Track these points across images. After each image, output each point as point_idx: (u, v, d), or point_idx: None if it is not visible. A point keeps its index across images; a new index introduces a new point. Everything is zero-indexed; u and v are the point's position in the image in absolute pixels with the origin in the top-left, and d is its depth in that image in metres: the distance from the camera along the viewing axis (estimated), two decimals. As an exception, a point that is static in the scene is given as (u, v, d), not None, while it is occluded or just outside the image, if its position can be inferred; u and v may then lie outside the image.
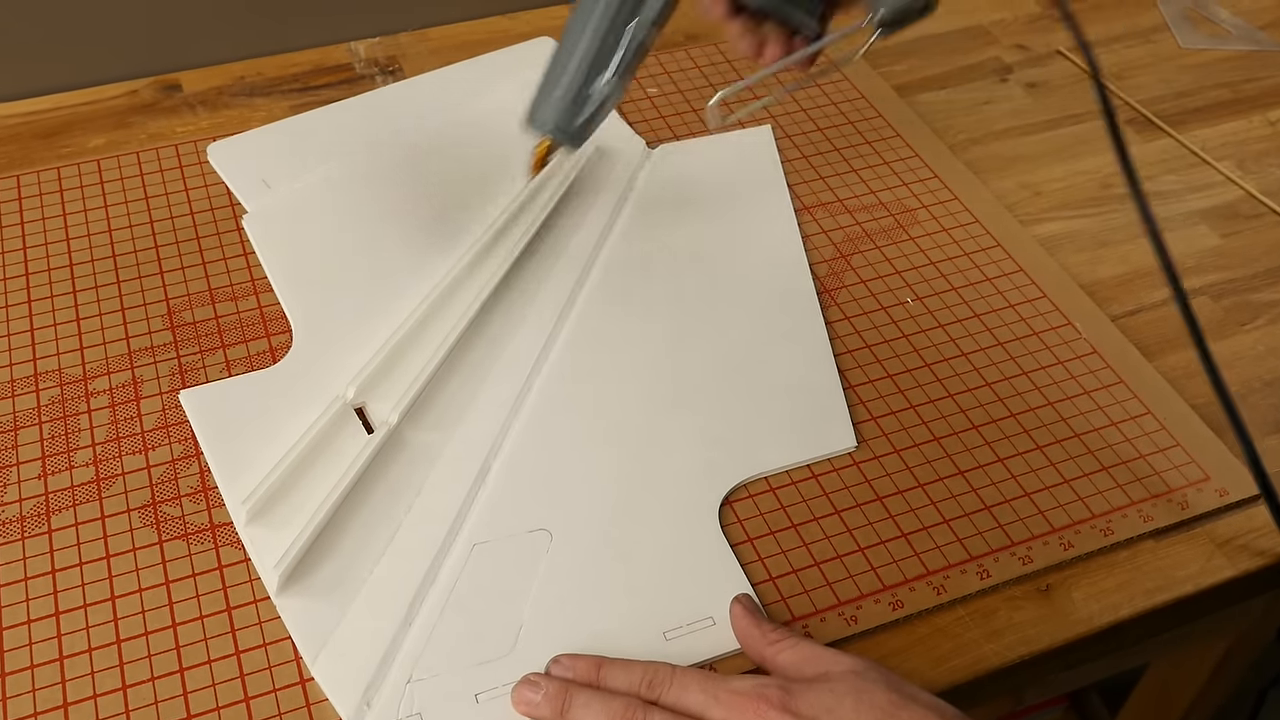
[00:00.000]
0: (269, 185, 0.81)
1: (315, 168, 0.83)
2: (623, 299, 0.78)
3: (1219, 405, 0.65)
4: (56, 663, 0.59)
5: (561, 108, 0.70)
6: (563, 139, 0.71)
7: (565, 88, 0.70)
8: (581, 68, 0.69)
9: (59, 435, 0.69)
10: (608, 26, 0.69)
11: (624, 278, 0.79)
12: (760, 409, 0.71)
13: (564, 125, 0.70)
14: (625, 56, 0.69)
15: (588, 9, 0.69)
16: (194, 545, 0.64)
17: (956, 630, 0.63)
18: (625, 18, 0.69)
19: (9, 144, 0.90)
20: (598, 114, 0.71)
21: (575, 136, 0.71)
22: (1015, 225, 0.86)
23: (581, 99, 0.70)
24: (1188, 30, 1.08)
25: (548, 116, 0.70)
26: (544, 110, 0.71)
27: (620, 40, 0.69)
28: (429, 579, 0.62)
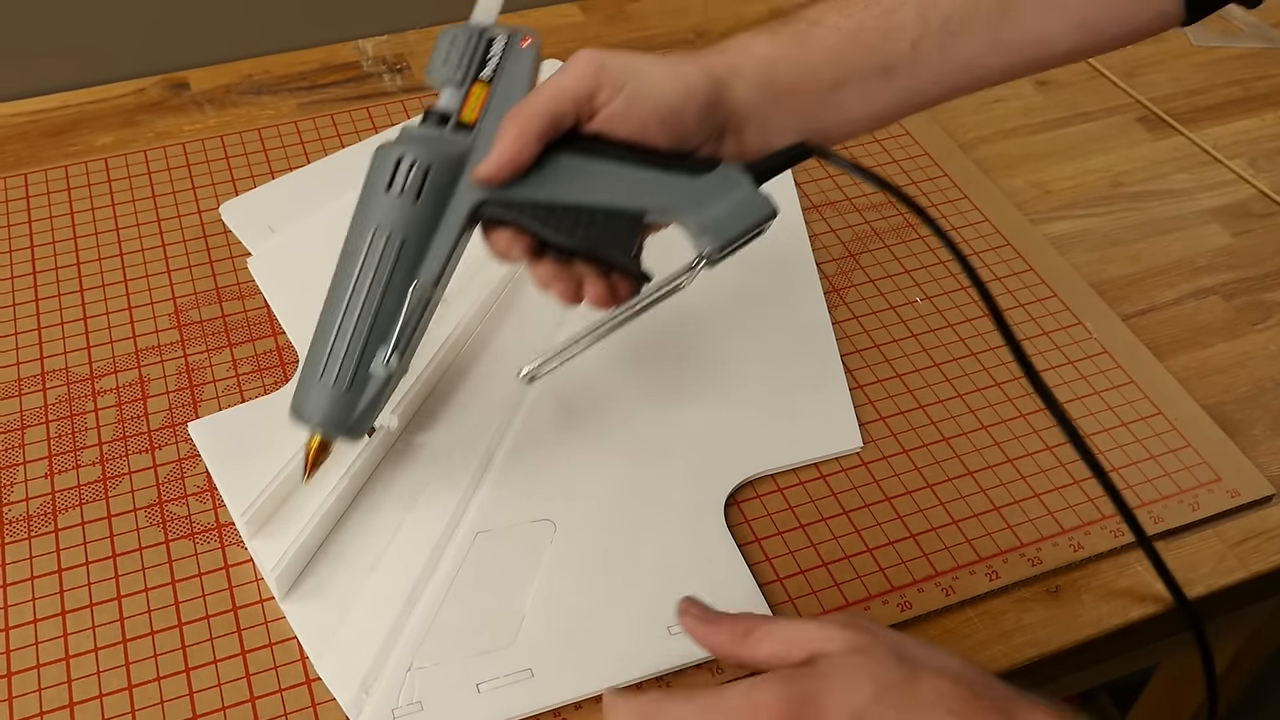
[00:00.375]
0: (274, 230, 0.81)
1: (318, 209, 0.83)
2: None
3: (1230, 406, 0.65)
4: (62, 662, 0.59)
5: (334, 397, 0.57)
6: (339, 434, 0.58)
7: (337, 371, 0.57)
8: (355, 344, 0.57)
9: (65, 434, 0.69)
10: (384, 289, 0.56)
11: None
12: (766, 407, 0.71)
13: (338, 418, 0.57)
14: (409, 326, 0.57)
15: (352, 267, 0.57)
16: (200, 545, 0.64)
17: (965, 631, 0.63)
18: (403, 277, 0.57)
19: (17, 142, 0.90)
20: (380, 398, 0.58)
21: (355, 429, 0.58)
22: (1025, 224, 0.86)
23: (359, 383, 0.57)
24: (1199, 28, 1.07)
25: (316, 408, 0.57)
26: (311, 400, 0.57)
27: (401, 306, 0.57)
28: (430, 567, 0.62)
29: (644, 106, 0.56)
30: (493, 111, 0.58)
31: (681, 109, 0.56)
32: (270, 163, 0.88)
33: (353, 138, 0.91)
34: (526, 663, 0.58)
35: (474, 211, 0.57)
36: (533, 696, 0.57)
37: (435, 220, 0.57)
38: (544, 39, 0.84)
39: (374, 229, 0.57)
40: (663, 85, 0.56)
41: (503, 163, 0.56)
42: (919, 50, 0.58)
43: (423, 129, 0.58)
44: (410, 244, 0.57)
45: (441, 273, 0.58)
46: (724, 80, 0.57)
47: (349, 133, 0.91)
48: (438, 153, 0.57)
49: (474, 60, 0.59)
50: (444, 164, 0.57)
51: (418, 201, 0.56)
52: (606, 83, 0.56)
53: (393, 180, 0.56)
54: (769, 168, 0.58)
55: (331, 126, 0.92)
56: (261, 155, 0.89)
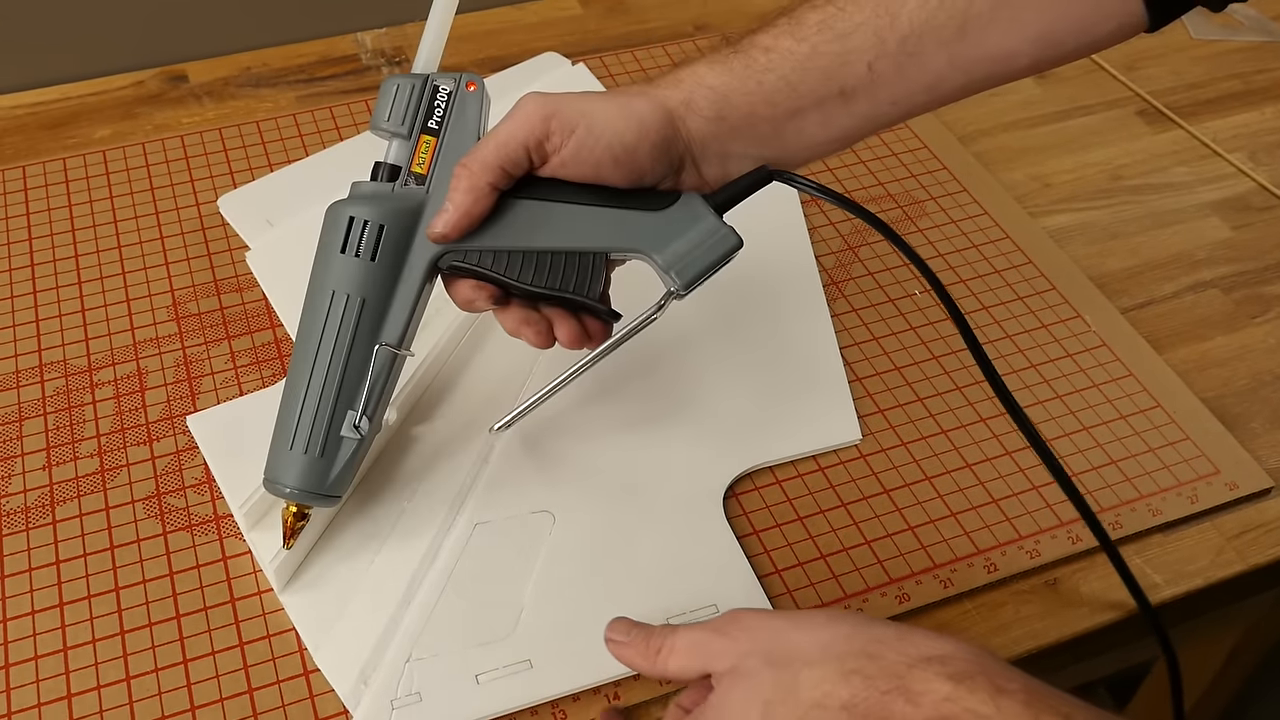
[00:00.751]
0: (272, 224, 0.81)
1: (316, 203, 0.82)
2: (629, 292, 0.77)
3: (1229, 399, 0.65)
4: (60, 653, 0.59)
5: (306, 464, 0.57)
6: (314, 502, 0.58)
7: (307, 438, 0.56)
8: (324, 410, 0.56)
9: (64, 426, 0.69)
10: (347, 352, 0.56)
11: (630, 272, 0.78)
12: (766, 400, 0.71)
13: (314, 486, 0.57)
14: (376, 387, 0.57)
15: (313, 333, 0.56)
16: (198, 537, 0.64)
17: (963, 624, 0.63)
18: (366, 338, 0.56)
19: (15, 135, 0.90)
20: (353, 461, 0.58)
21: (330, 495, 0.58)
22: (1024, 217, 0.86)
23: (330, 448, 0.57)
24: (1200, 21, 1.07)
25: (291, 478, 0.57)
26: (285, 470, 0.57)
27: (367, 368, 0.56)
28: (429, 558, 0.62)
29: (597, 148, 0.55)
30: (444, 161, 0.57)
31: (635, 147, 0.55)
32: (269, 155, 0.88)
33: (351, 130, 0.91)
34: (525, 654, 0.58)
35: (433, 265, 0.57)
36: (531, 687, 0.57)
37: (394, 278, 0.56)
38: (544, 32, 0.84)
39: (332, 292, 0.56)
40: (615, 125, 0.55)
41: (456, 218, 0.55)
42: (876, 72, 0.57)
43: (373, 186, 0.57)
44: (371, 304, 0.56)
45: (405, 330, 0.57)
46: (677, 114, 0.57)
47: (348, 125, 0.91)
48: (390, 210, 0.56)
49: (420, 110, 0.58)
50: (397, 220, 0.56)
51: (374, 261, 0.56)
52: (557, 128, 0.55)
53: (346, 241, 0.56)
54: (731, 196, 0.58)
55: (330, 119, 0.92)
56: (260, 148, 0.89)
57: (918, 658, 0.45)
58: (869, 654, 0.46)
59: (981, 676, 0.43)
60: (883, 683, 0.44)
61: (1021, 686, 0.43)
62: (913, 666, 0.44)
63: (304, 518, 0.59)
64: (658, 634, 0.52)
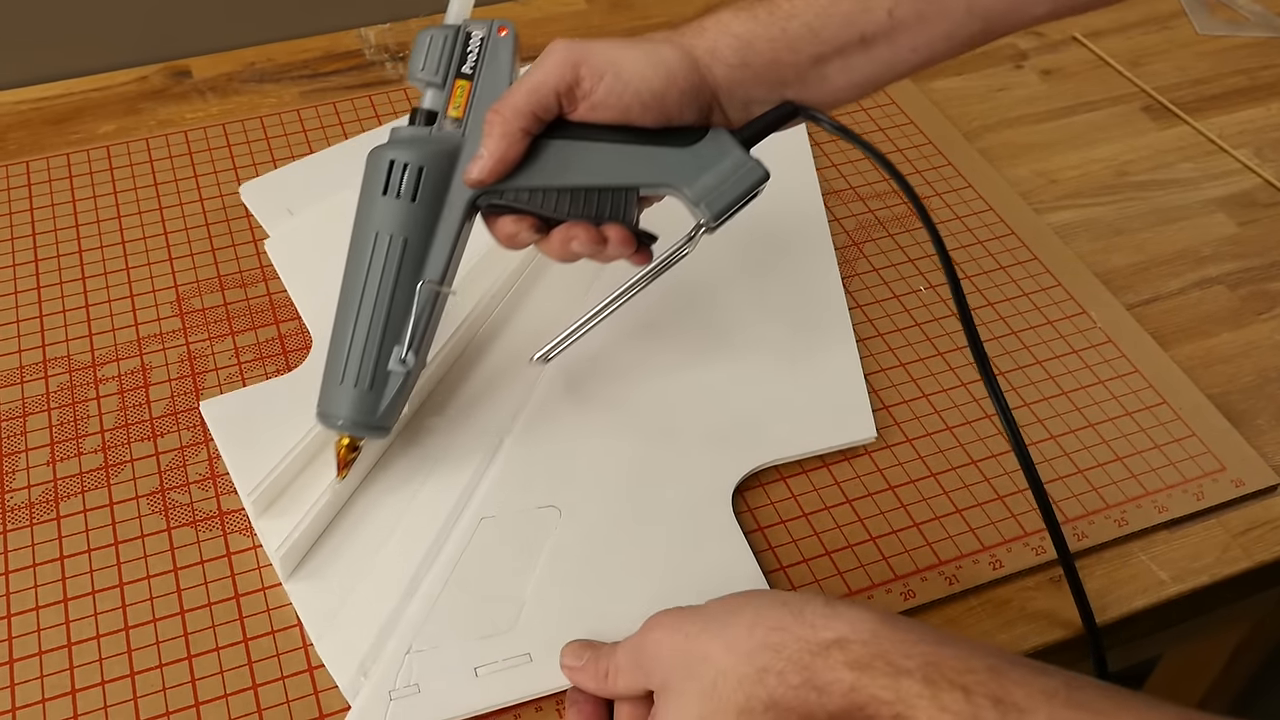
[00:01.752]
0: (292, 213, 0.81)
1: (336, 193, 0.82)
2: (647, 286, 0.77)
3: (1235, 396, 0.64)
4: (64, 649, 0.59)
5: (357, 397, 0.59)
6: (367, 433, 0.61)
7: (357, 372, 0.59)
8: (371, 345, 0.59)
9: (68, 422, 0.69)
10: (392, 290, 0.58)
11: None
12: (780, 395, 0.71)
13: (363, 419, 0.60)
14: (420, 323, 0.59)
15: (359, 272, 0.59)
16: (202, 532, 0.64)
17: (969, 620, 0.63)
18: (409, 276, 0.59)
19: (19, 130, 0.90)
20: (401, 394, 0.60)
21: (380, 426, 0.61)
22: (1029, 213, 0.86)
23: (379, 382, 0.59)
24: (1205, 16, 1.07)
25: (343, 410, 0.60)
26: (337, 402, 0.60)
27: (410, 304, 0.59)
28: (434, 551, 0.62)
29: (626, 93, 0.57)
30: (478, 103, 0.59)
31: (664, 94, 0.57)
32: (273, 150, 0.88)
33: (355, 126, 0.91)
34: (525, 647, 0.58)
35: (471, 204, 0.59)
36: (530, 681, 0.57)
37: (434, 218, 0.59)
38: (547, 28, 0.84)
39: (375, 233, 0.58)
40: (644, 72, 0.57)
41: (492, 164, 0.57)
42: (896, 19, 0.58)
43: (411, 130, 0.60)
44: (413, 243, 0.58)
45: (446, 268, 0.59)
46: (703, 62, 0.58)
47: (351, 121, 0.91)
48: (429, 152, 0.58)
49: (454, 58, 0.60)
50: (436, 162, 0.58)
51: (415, 202, 0.58)
52: (586, 74, 0.57)
53: (388, 183, 0.58)
54: (757, 131, 0.60)
55: (334, 114, 0.92)
56: (264, 143, 0.89)
57: (818, 644, 0.45)
58: (771, 645, 0.46)
59: (880, 660, 0.44)
60: (793, 676, 0.45)
61: (920, 661, 0.44)
62: (815, 655, 0.45)
63: (355, 449, 0.62)
64: (604, 655, 0.54)
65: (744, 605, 0.49)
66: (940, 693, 0.43)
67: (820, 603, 0.47)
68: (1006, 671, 0.43)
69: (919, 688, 0.43)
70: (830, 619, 0.46)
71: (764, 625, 0.47)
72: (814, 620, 0.46)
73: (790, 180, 0.86)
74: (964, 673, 0.43)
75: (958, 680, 0.43)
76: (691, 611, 0.50)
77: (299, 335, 0.74)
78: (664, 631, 0.50)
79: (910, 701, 0.43)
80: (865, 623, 0.46)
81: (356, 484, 0.65)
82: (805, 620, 0.46)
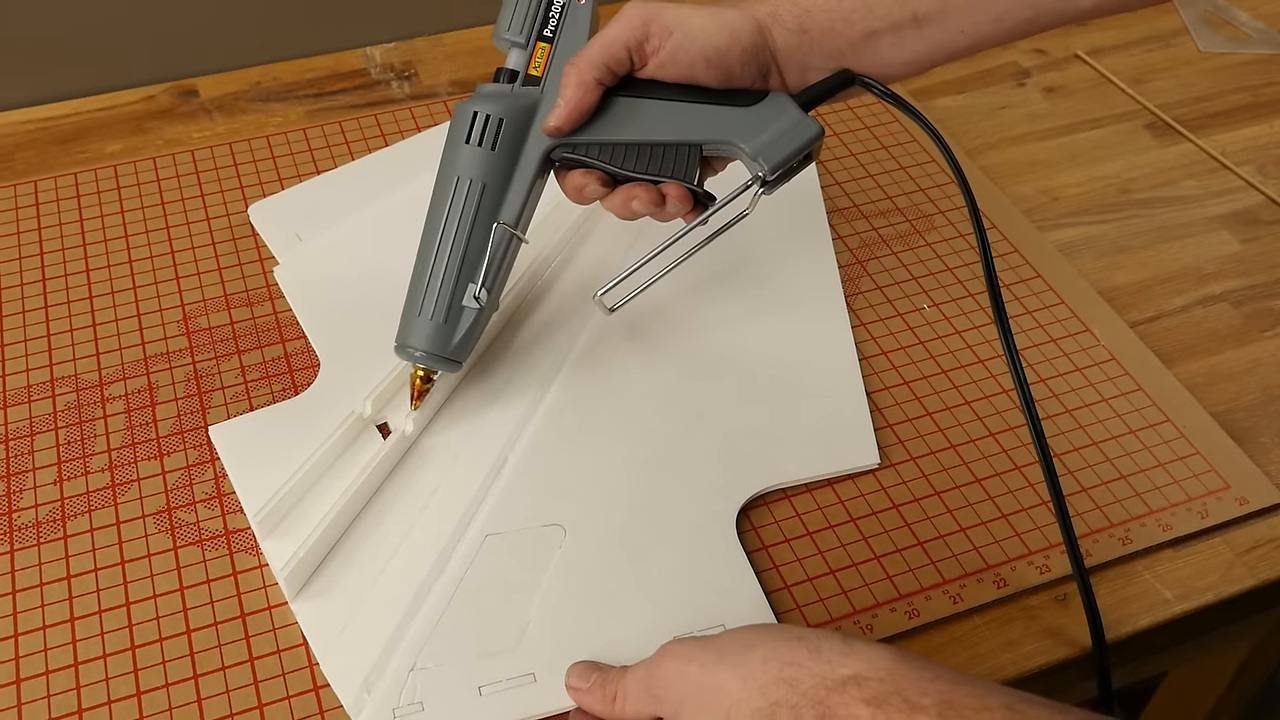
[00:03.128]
0: (300, 239, 0.81)
1: (344, 218, 0.83)
2: (649, 305, 0.77)
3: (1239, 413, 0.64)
4: (71, 669, 0.59)
5: (433, 329, 0.64)
6: (440, 365, 0.65)
7: (434, 306, 0.63)
8: (448, 280, 0.63)
9: (75, 441, 0.70)
10: (469, 231, 0.63)
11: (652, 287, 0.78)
12: (785, 419, 0.71)
13: (438, 349, 0.64)
14: (494, 263, 0.64)
15: (440, 213, 0.63)
16: (209, 551, 0.64)
17: (973, 640, 0.63)
18: (486, 219, 0.63)
19: (27, 149, 0.90)
20: (474, 329, 0.65)
21: (453, 359, 0.65)
22: (1032, 230, 0.86)
23: (454, 316, 0.64)
24: (1207, 34, 1.07)
25: (419, 341, 0.64)
26: (414, 334, 0.64)
27: (486, 244, 0.63)
28: (438, 568, 0.62)
29: (691, 50, 0.61)
30: (557, 65, 0.64)
31: (726, 52, 0.61)
32: (279, 170, 0.89)
33: (361, 145, 0.91)
34: (529, 667, 0.58)
35: (546, 156, 0.64)
36: (534, 701, 0.57)
37: (511, 167, 0.64)
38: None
39: (457, 178, 0.63)
40: (708, 30, 0.61)
41: (567, 112, 0.62)
42: (948, 1, 0.61)
43: (494, 86, 0.65)
44: (490, 189, 0.63)
45: (521, 213, 0.64)
46: (765, 25, 0.62)
47: (357, 140, 0.91)
48: (509, 106, 0.63)
49: (537, 20, 0.65)
50: (515, 116, 0.63)
51: (494, 151, 0.63)
52: (655, 31, 0.61)
53: (470, 133, 0.63)
54: (815, 95, 0.64)
55: (340, 134, 0.92)
56: (270, 162, 0.89)
57: (835, 681, 0.46)
58: (787, 680, 0.46)
59: (896, 697, 0.44)
60: (807, 712, 0.45)
61: (936, 700, 0.44)
62: (831, 691, 0.45)
63: (429, 381, 0.66)
64: (612, 678, 0.54)
65: (760, 639, 0.49)
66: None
67: (837, 639, 0.47)
68: (1023, 711, 0.43)
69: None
70: (847, 656, 0.46)
71: (779, 660, 0.47)
72: (830, 657, 0.46)
73: (794, 198, 0.86)
74: (979, 710, 0.43)
75: (973, 718, 0.43)
76: (706, 642, 0.51)
77: (305, 354, 0.74)
78: (678, 661, 0.51)
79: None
80: (881, 660, 0.46)
81: (363, 503, 0.65)
82: (822, 656, 0.47)
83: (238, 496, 0.66)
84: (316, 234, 0.81)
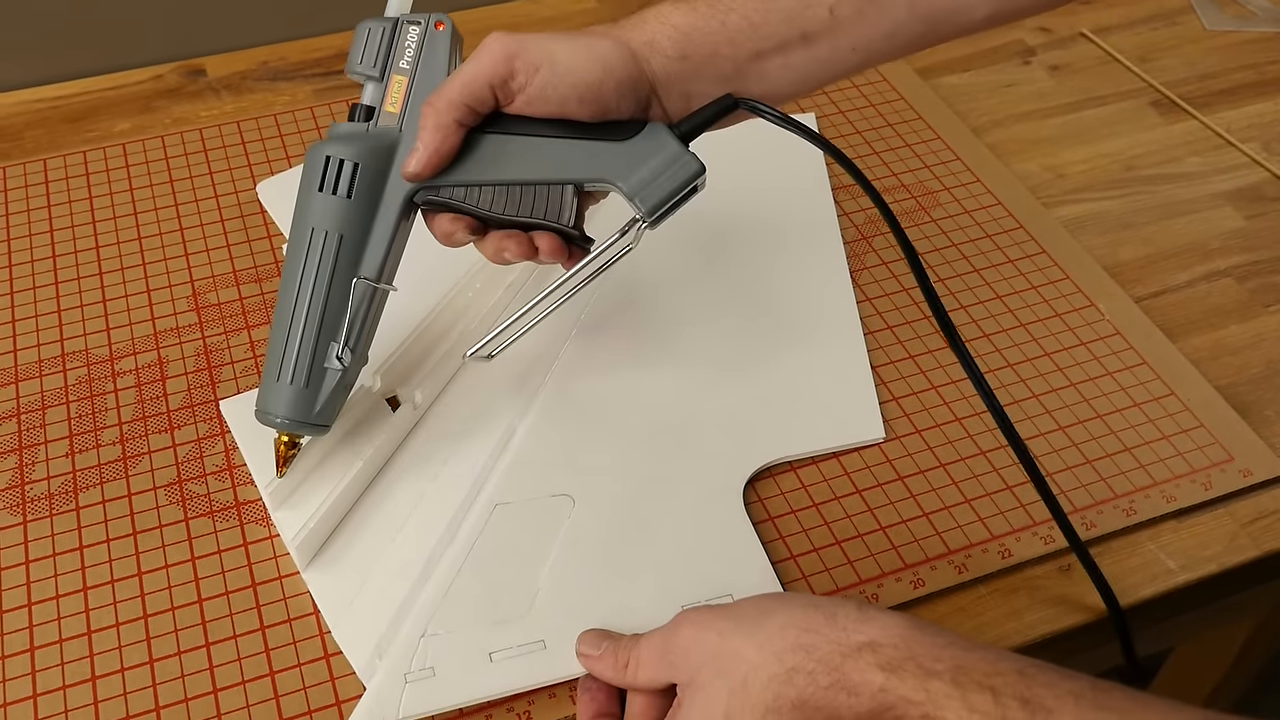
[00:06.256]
0: None
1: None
2: (658, 278, 0.78)
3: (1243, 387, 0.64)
4: (84, 637, 0.60)
5: (294, 395, 0.59)
6: (304, 430, 0.61)
7: (293, 369, 0.59)
8: (307, 342, 0.59)
9: (86, 414, 0.70)
10: (327, 286, 0.58)
11: (660, 258, 0.79)
12: (791, 394, 0.71)
13: (301, 415, 0.60)
14: (356, 319, 0.59)
15: (295, 268, 0.59)
16: (219, 522, 0.65)
17: (977, 609, 0.63)
18: (345, 273, 0.59)
19: (37, 128, 0.91)
20: (338, 390, 0.60)
21: (317, 424, 0.61)
22: (1038, 207, 0.86)
23: (315, 379, 0.59)
24: (1213, 12, 1.07)
25: (279, 408, 0.60)
26: (274, 400, 0.60)
27: (346, 301, 0.59)
28: (447, 537, 0.63)
29: (562, 87, 0.56)
30: (415, 99, 0.59)
31: (600, 86, 0.57)
32: (286, 148, 0.89)
33: (368, 123, 0.91)
34: (539, 634, 0.59)
35: (408, 201, 0.59)
36: (544, 668, 0.58)
37: (370, 214, 0.59)
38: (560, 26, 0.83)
39: (311, 229, 0.58)
40: (579, 65, 0.57)
41: (426, 156, 0.57)
42: (837, 17, 0.58)
43: (349, 126, 0.59)
44: (349, 240, 0.58)
45: (384, 264, 0.59)
46: (641, 54, 0.58)
47: (364, 118, 0.92)
48: (364, 149, 0.58)
49: (391, 52, 0.60)
50: (372, 159, 0.58)
51: (350, 199, 0.58)
52: (521, 67, 0.56)
53: (324, 180, 0.58)
54: (696, 125, 0.59)
55: (346, 112, 0.92)
56: (278, 140, 0.90)
57: (850, 646, 0.46)
58: (803, 646, 0.47)
59: (910, 662, 0.45)
60: (823, 677, 0.46)
61: (949, 665, 0.44)
62: (847, 657, 0.46)
63: (295, 446, 0.62)
64: (625, 646, 0.54)
65: (777, 606, 0.50)
66: (969, 694, 0.43)
67: (853, 606, 0.48)
68: (1034, 675, 0.43)
69: (948, 689, 0.43)
70: (862, 623, 0.47)
71: (796, 627, 0.48)
72: (846, 624, 0.47)
73: (800, 175, 0.87)
74: (992, 675, 0.44)
75: (986, 682, 0.43)
76: (722, 610, 0.51)
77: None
78: (695, 628, 0.51)
79: (939, 702, 0.43)
80: (896, 627, 0.46)
81: (373, 474, 0.65)
82: (838, 623, 0.47)
83: (248, 469, 0.66)
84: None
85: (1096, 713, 0.41)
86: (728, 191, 0.84)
